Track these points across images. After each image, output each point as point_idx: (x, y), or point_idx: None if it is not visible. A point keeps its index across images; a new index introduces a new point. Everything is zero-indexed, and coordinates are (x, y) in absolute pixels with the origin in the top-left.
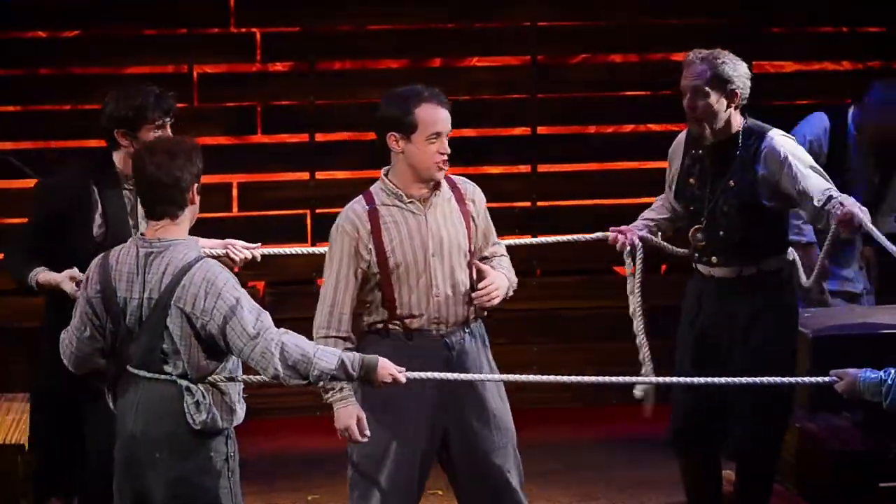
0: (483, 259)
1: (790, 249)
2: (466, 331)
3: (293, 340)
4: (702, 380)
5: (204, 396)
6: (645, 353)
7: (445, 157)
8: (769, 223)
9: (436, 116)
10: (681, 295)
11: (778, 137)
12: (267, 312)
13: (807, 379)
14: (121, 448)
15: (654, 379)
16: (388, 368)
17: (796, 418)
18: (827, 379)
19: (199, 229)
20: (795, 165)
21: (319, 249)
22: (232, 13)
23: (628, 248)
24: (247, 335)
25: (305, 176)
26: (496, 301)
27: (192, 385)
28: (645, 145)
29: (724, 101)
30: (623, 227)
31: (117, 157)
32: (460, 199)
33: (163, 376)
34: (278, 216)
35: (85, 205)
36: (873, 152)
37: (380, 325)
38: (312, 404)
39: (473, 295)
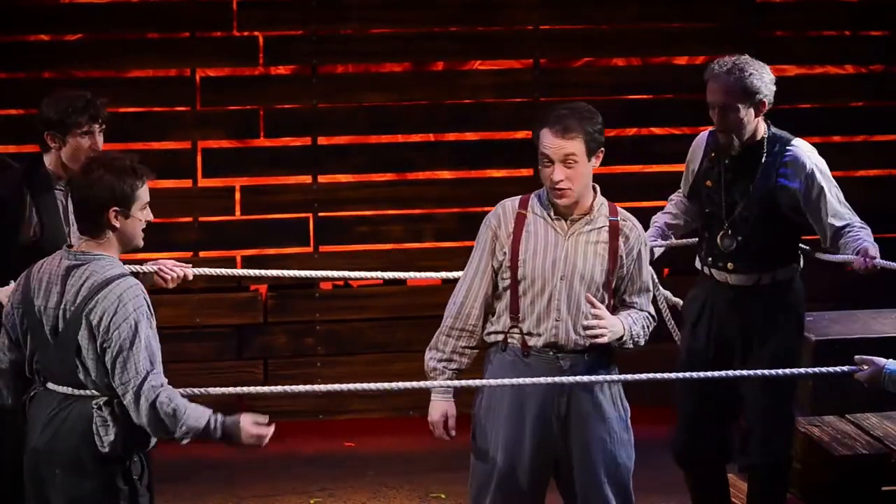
0: (622, 304)
1: (801, 258)
2: (586, 359)
3: (169, 394)
4: (716, 373)
5: (115, 417)
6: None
7: (560, 187)
8: (788, 232)
9: (547, 143)
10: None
11: (804, 146)
12: (159, 368)
13: (829, 368)
14: (26, 461)
15: (674, 375)
16: (249, 429)
17: (799, 423)
18: (847, 368)
19: (203, 233)
20: (820, 181)
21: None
22: (234, 17)
23: None
24: (134, 371)
25: (308, 179)
26: (601, 339)
27: (102, 404)
28: (647, 149)
29: (752, 112)
30: None
31: (48, 159)
32: (613, 233)
33: (76, 391)
34: (281, 220)
35: (16, 206)
36: None
37: (500, 337)
38: (316, 408)
39: (584, 323)
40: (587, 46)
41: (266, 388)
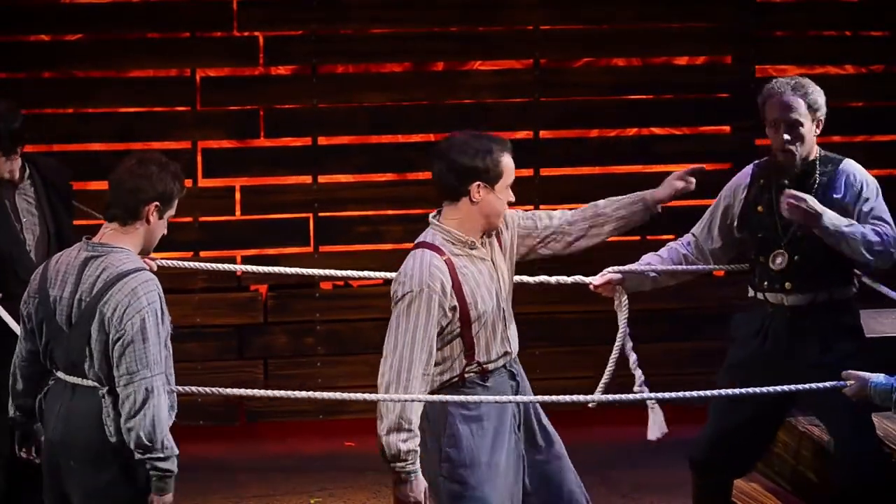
0: (553, 225)
1: (855, 282)
2: (514, 355)
3: (159, 405)
4: (703, 393)
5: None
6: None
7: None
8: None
9: (512, 168)
10: (671, 297)
11: (856, 164)
12: (161, 369)
13: (818, 385)
14: (44, 453)
15: (704, 392)
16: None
17: (799, 422)
18: (832, 384)
19: (204, 232)
20: (868, 196)
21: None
22: (235, 17)
23: (616, 300)
24: (136, 365)
25: (308, 179)
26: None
27: (106, 392)
28: (647, 149)
29: (813, 128)
30: (609, 276)
31: None
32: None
33: (86, 382)
34: (281, 220)
35: None
36: None
37: (455, 378)
38: (315, 408)
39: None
40: (587, 46)
41: (266, 392)
